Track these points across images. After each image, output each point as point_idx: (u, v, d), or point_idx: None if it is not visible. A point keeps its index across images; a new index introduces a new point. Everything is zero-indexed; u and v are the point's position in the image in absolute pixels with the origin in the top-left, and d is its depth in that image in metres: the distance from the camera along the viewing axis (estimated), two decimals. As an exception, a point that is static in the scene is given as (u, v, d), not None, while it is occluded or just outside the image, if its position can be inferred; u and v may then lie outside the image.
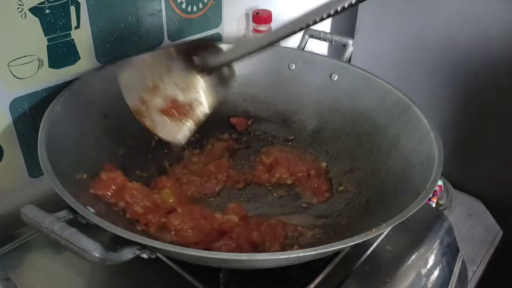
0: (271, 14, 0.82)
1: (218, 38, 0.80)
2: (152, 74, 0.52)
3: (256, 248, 0.52)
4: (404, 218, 0.43)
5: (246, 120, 0.73)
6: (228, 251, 0.50)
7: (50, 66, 0.58)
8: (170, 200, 0.54)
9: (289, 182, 0.65)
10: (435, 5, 0.86)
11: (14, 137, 0.58)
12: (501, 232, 0.80)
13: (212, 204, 0.61)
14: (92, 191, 0.50)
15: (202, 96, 0.51)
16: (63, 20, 0.57)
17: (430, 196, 0.48)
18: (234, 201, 0.62)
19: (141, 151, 0.64)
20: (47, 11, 0.55)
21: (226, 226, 0.53)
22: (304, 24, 0.49)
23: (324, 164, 0.67)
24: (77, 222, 0.40)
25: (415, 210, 0.44)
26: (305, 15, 0.49)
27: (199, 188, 0.62)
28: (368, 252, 0.54)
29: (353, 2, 0.44)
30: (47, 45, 0.57)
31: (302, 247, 0.53)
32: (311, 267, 0.51)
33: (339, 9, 0.45)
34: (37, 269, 0.51)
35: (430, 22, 0.88)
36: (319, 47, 1.00)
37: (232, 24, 0.83)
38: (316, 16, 0.48)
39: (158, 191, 0.57)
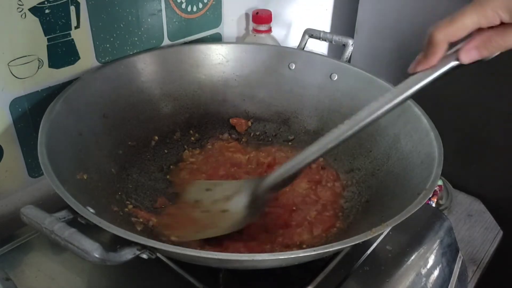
0: (271, 14, 0.82)
1: (218, 38, 0.80)
2: (213, 195, 0.58)
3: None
4: (404, 218, 0.43)
5: (246, 121, 0.73)
6: None
7: (50, 66, 0.58)
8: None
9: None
10: (435, 5, 0.86)
11: (14, 137, 0.58)
12: (501, 232, 0.80)
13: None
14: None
15: (226, 224, 0.55)
16: (63, 20, 0.57)
17: (430, 196, 0.48)
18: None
19: (141, 151, 0.64)
20: (47, 11, 0.55)
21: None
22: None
23: (320, 159, 0.67)
24: (77, 222, 0.40)
25: (415, 210, 0.44)
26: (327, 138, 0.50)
27: None
28: (368, 252, 0.54)
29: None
30: (47, 45, 0.57)
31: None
32: (311, 267, 0.51)
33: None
34: (37, 269, 0.51)
35: (430, 22, 0.88)
36: (319, 47, 1.00)
37: (232, 24, 0.83)
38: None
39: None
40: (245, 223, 0.54)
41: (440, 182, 0.85)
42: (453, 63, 0.44)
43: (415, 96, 0.61)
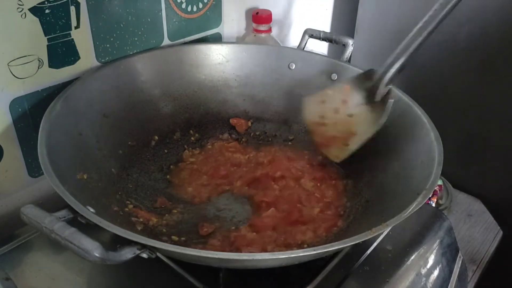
0: (271, 14, 0.82)
1: (218, 38, 0.80)
2: (331, 104, 0.60)
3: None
4: (404, 218, 0.43)
5: (246, 121, 0.73)
6: None
7: (50, 66, 0.58)
8: None
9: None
10: (434, 5, 0.86)
11: (14, 137, 0.58)
12: (501, 232, 0.79)
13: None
14: None
15: (362, 127, 0.57)
16: (63, 20, 0.57)
17: (430, 196, 0.48)
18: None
19: (141, 151, 0.64)
20: (47, 11, 0.55)
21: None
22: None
23: (320, 157, 0.67)
24: (77, 222, 0.40)
25: (415, 210, 0.44)
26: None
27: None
28: (368, 252, 0.54)
29: None
30: (47, 45, 0.57)
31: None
32: (311, 267, 0.51)
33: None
34: (37, 269, 0.51)
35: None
36: (319, 47, 1.00)
37: (232, 24, 0.83)
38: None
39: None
40: (379, 122, 0.56)
41: (440, 182, 0.85)
42: None
43: (415, 96, 0.62)
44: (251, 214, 0.59)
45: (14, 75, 0.55)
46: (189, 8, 0.72)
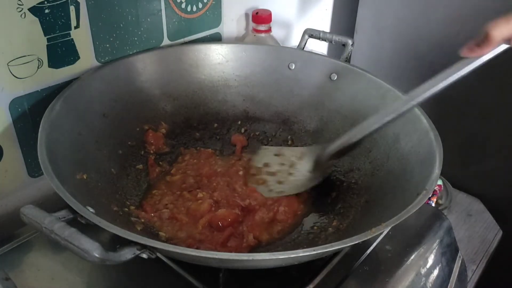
0: (270, 14, 0.82)
1: (218, 38, 0.80)
2: (281, 160, 0.65)
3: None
4: (404, 218, 0.43)
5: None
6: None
7: (49, 66, 0.58)
8: None
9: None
10: (435, 5, 0.86)
11: (14, 137, 0.58)
12: (501, 232, 0.79)
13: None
14: None
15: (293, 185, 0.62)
16: (62, 20, 0.57)
17: (430, 195, 0.48)
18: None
19: (140, 151, 0.64)
20: (46, 11, 0.55)
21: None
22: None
23: None
24: (77, 222, 0.40)
25: (415, 210, 0.44)
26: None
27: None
28: (368, 252, 0.54)
29: None
30: (47, 45, 0.57)
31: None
32: (311, 267, 0.51)
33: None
34: (37, 269, 0.51)
35: (430, 22, 0.88)
36: (319, 47, 1.00)
37: (232, 24, 0.83)
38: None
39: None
40: (310, 186, 0.62)
41: (439, 182, 0.85)
42: (499, 50, 0.52)
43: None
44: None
45: (14, 75, 0.55)
46: (188, 8, 0.72)
